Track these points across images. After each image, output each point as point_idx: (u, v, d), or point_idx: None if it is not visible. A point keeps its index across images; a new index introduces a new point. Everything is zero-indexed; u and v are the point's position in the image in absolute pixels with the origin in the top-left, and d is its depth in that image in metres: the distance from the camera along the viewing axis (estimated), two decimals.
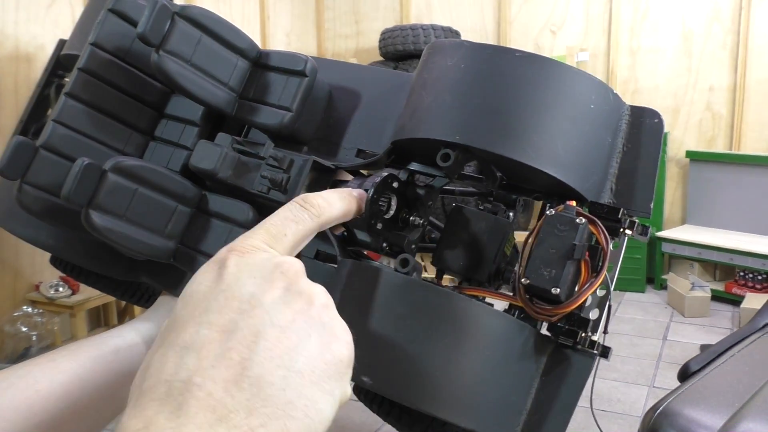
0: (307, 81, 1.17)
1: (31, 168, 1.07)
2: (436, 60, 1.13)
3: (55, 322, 3.32)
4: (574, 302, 0.93)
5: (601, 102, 1.06)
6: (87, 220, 0.98)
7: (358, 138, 1.22)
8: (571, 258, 0.90)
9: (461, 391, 0.92)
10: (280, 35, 5.18)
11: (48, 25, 3.45)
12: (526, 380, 0.98)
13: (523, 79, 1.02)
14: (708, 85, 4.57)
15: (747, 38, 4.39)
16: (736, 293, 4.23)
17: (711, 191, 4.55)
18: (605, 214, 1.00)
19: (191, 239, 1.11)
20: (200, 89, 1.11)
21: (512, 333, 0.95)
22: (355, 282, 1.00)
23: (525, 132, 0.99)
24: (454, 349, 0.91)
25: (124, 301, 1.59)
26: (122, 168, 1.00)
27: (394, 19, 5.35)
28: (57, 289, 3.29)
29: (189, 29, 1.10)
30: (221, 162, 1.11)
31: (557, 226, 0.93)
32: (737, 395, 1.81)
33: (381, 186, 1.10)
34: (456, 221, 1.17)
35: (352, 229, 1.17)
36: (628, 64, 4.76)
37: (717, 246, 4.23)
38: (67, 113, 1.11)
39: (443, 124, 1.03)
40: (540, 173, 1.01)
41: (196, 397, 0.37)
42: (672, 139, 4.69)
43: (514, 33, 5.03)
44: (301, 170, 1.12)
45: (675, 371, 3.18)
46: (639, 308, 4.21)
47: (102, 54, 1.13)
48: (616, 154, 1.09)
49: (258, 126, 1.20)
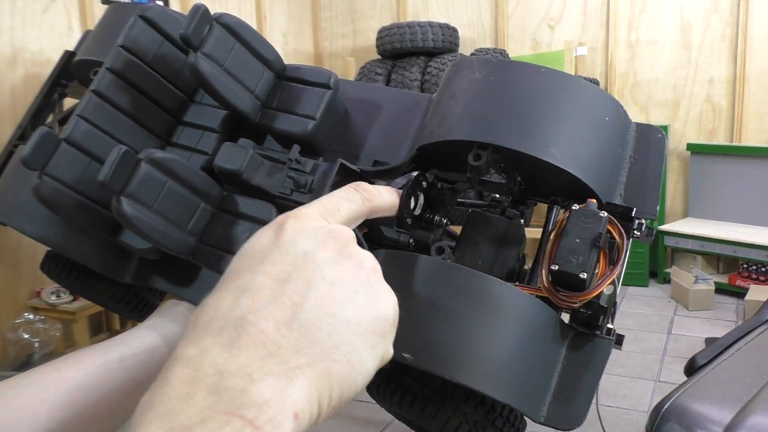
0: (330, 93, 1.21)
1: (52, 160, 1.08)
2: (464, 74, 1.18)
3: (57, 328, 3.31)
4: (596, 289, 1.01)
5: (614, 116, 1.14)
6: (118, 208, 0.99)
7: (374, 150, 1.26)
8: (596, 246, 0.98)
9: (496, 366, 0.97)
10: (277, 35, 5.17)
11: (44, 30, 3.44)
12: (552, 361, 1.03)
13: (547, 91, 1.09)
14: (708, 77, 4.55)
15: (746, 29, 4.37)
16: (740, 285, 4.21)
17: (712, 184, 4.53)
18: (619, 214, 1.08)
19: (211, 237, 1.12)
20: (230, 93, 1.14)
21: (539, 314, 1.01)
22: (393, 268, 1.05)
23: (550, 135, 1.06)
24: (488, 326, 0.96)
25: (118, 312, 1.58)
26: (155, 159, 1.01)
27: (391, 16, 5.34)
28: (58, 296, 3.28)
29: (225, 36, 1.13)
30: (247, 163, 1.13)
31: (582, 219, 1.00)
32: (745, 389, 1.79)
33: (414, 183, 1.15)
34: (474, 225, 1.22)
35: (380, 226, 1.20)
36: (627, 58, 4.74)
37: (720, 238, 4.21)
38: (91, 110, 1.13)
39: (476, 127, 1.09)
40: (561, 174, 1.07)
41: (249, 332, 0.39)
42: (672, 132, 4.67)
43: (511, 28, 5.01)
44: (326, 173, 1.15)
45: (680, 365, 3.17)
46: (643, 302, 4.19)
47: (129, 56, 1.15)
48: (625, 165, 1.17)
49: (282, 133, 1.23)
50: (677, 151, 4.69)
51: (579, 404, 0.99)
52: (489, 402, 1.12)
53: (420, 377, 1.14)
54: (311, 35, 5.58)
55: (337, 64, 5.47)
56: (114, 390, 1.08)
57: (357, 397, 0.49)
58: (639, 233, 1.09)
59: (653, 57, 4.67)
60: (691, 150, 4.58)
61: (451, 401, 1.11)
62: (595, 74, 4.79)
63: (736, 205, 4.46)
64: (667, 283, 4.47)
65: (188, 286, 1.25)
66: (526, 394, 0.96)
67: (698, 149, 4.56)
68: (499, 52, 4.42)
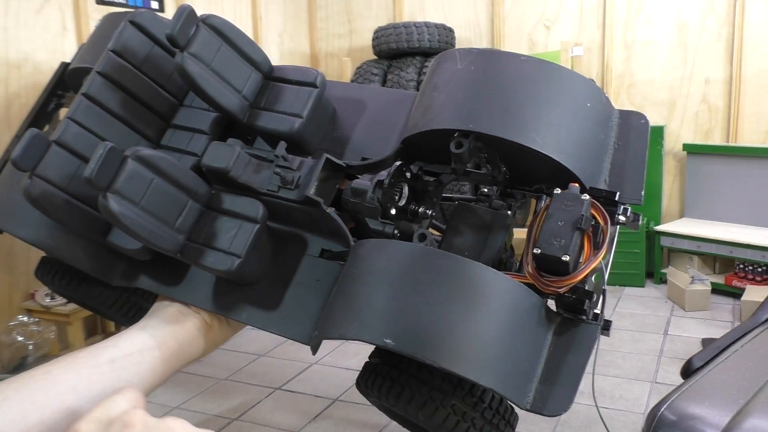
0: (317, 92, 1.21)
1: (43, 161, 1.08)
2: (446, 66, 1.18)
3: (51, 330, 3.29)
4: (580, 273, 1.00)
5: (596, 101, 1.14)
6: (104, 204, 0.99)
7: (361, 148, 1.27)
8: (579, 228, 0.98)
9: (478, 351, 0.96)
10: (273, 35, 5.15)
11: (38, 30, 3.42)
12: (537, 347, 1.02)
13: (528, 78, 1.08)
14: (704, 77, 4.55)
15: (742, 30, 4.37)
16: (736, 286, 4.21)
17: (709, 184, 4.53)
18: (603, 198, 1.07)
19: (199, 235, 1.12)
20: (217, 93, 1.14)
21: (523, 298, 1.00)
22: (377, 255, 1.05)
23: (532, 121, 1.05)
24: (471, 310, 0.95)
25: (111, 318, 1.57)
26: (142, 156, 1.01)
27: (387, 17, 5.32)
28: (53, 298, 3.26)
29: (211, 37, 1.14)
30: (235, 161, 1.13)
31: (565, 202, 1.00)
32: (742, 391, 1.79)
33: (396, 172, 1.16)
34: (460, 216, 1.21)
35: (364, 218, 1.21)
36: (623, 58, 4.74)
37: (716, 239, 4.21)
38: (82, 112, 1.13)
39: (458, 115, 1.09)
40: (544, 161, 1.06)
41: None
42: (669, 133, 4.67)
43: (507, 28, 5.00)
44: (312, 169, 1.16)
45: (677, 366, 3.17)
46: (639, 303, 4.19)
47: (119, 60, 1.16)
48: (609, 151, 1.16)
49: (269, 132, 1.23)
50: (673, 152, 4.69)
51: (565, 391, 0.98)
52: (477, 393, 1.11)
53: (407, 369, 1.13)
54: (307, 35, 5.57)
55: (333, 64, 5.46)
56: (106, 391, 1.07)
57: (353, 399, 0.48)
58: (624, 218, 1.09)
59: (649, 57, 4.67)
60: (688, 150, 4.58)
61: (439, 393, 1.10)
62: (591, 75, 4.78)
63: (732, 206, 4.46)
64: (663, 284, 4.47)
65: (177, 285, 1.25)
66: (510, 379, 0.95)
67: (694, 149, 4.56)
68: None
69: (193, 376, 3.19)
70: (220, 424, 2.77)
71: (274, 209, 1.15)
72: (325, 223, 1.18)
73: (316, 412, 2.85)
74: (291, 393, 3.07)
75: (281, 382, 3.18)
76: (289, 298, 1.20)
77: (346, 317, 1.03)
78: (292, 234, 1.24)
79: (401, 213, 1.22)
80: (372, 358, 1.21)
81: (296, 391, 3.09)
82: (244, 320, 1.22)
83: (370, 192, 1.13)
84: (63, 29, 3.55)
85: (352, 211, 1.20)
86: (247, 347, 3.58)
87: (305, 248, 1.22)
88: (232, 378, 3.25)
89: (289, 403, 2.97)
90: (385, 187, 1.17)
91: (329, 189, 1.16)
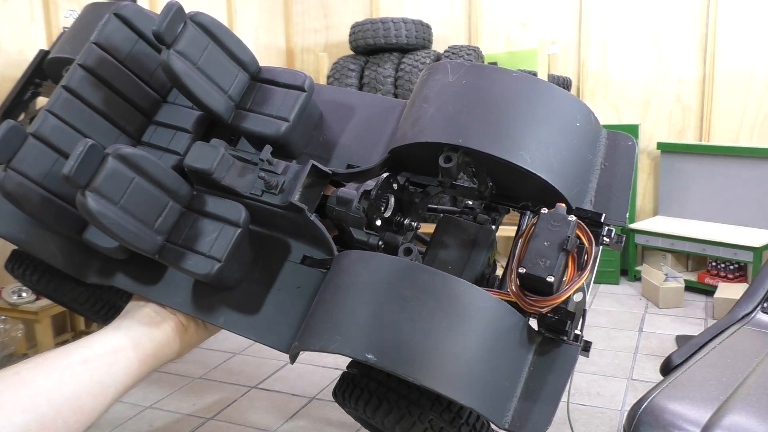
0: (305, 96, 1.18)
1: (18, 154, 1.04)
2: (437, 78, 1.16)
3: (18, 329, 3.20)
4: (564, 293, 0.99)
5: (585, 121, 1.13)
6: (82, 203, 0.95)
7: (348, 154, 1.24)
8: (564, 249, 0.96)
9: (459, 369, 0.94)
10: (248, 30, 5.08)
11: (4, 19, 3.32)
12: (517, 366, 1.00)
13: (519, 95, 1.07)
14: (677, 76, 4.60)
15: (715, 30, 4.42)
16: (709, 283, 4.27)
17: (682, 182, 4.58)
18: (588, 219, 1.06)
19: (178, 236, 1.08)
20: (202, 91, 1.10)
21: (506, 317, 0.98)
22: (361, 268, 1.02)
23: (521, 139, 1.04)
24: (454, 328, 0.93)
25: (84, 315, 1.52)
26: (123, 155, 0.97)
27: (364, 12, 5.29)
28: (20, 295, 3.17)
29: (199, 35, 1.10)
30: (218, 162, 1.10)
31: (551, 222, 0.98)
32: (721, 388, 1.80)
33: (384, 183, 1.13)
34: (445, 230, 1.19)
35: (349, 228, 1.18)
36: (599, 57, 4.77)
37: (689, 237, 4.26)
38: (61, 105, 1.09)
39: (448, 130, 1.06)
40: (531, 179, 1.05)
41: None
42: (643, 131, 4.71)
43: (485, 26, 5.00)
44: (298, 174, 1.13)
45: (653, 363, 3.19)
46: (614, 300, 4.22)
47: (101, 53, 1.11)
48: (595, 171, 1.16)
49: (255, 134, 1.19)
50: (647, 150, 4.73)
51: (544, 410, 0.96)
52: (455, 409, 1.09)
53: (385, 382, 1.11)
54: (283, 30, 5.51)
55: (310, 59, 5.41)
56: (78, 393, 1.03)
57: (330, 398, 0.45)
58: (609, 240, 1.08)
59: (624, 56, 4.71)
60: (662, 149, 4.63)
61: (416, 407, 1.08)
62: (567, 73, 4.80)
63: (705, 204, 4.51)
64: (638, 281, 4.51)
65: (154, 285, 1.21)
66: (490, 398, 0.94)
67: (668, 148, 4.60)
68: (473, 49, 4.40)
69: (166, 374, 3.13)
70: (194, 424, 2.71)
71: (256, 213, 1.13)
72: (308, 230, 1.15)
73: (292, 410, 2.81)
74: (267, 391, 3.03)
75: (257, 380, 3.14)
76: (268, 304, 1.17)
77: (327, 329, 1.01)
78: (274, 239, 1.21)
79: (386, 224, 1.20)
80: (350, 369, 1.19)
81: (272, 389, 3.05)
82: (221, 325, 1.19)
83: (356, 202, 1.11)
84: (31, 19, 3.46)
85: (336, 220, 1.17)
86: (222, 345, 3.52)
87: (287, 254, 1.19)
88: (207, 376, 3.19)
89: (265, 401, 2.93)
90: (372, 198, 1.15)
91: (314, 195, 1.13)
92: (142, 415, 2.75)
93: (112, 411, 2.72)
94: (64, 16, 3.56)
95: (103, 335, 1.14)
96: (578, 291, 1.05)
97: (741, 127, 4.47)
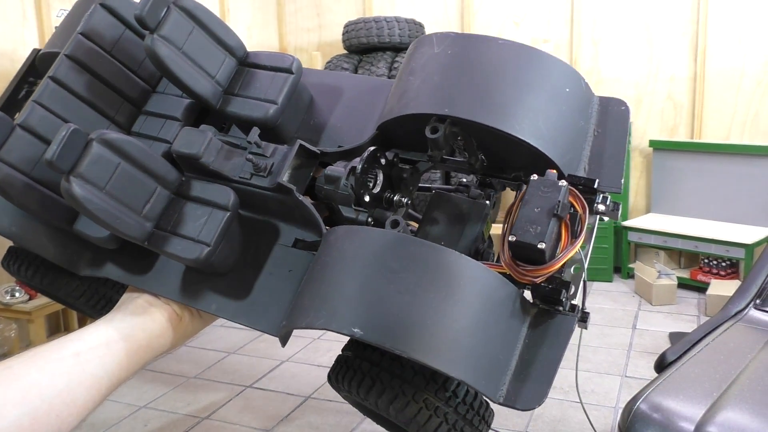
0: (293, 78, 1.17)
1: (6, 144, 1.03)
2: (423, 50, 1.14)
3: (12, 328, 3.19)
4: (557, 262, 0.97)
5: (575, 87, 1.11)
6: (67, 188, 0.94)
7: (338, 135, 1.23)
8: (555, 215, 0.94)
9: (451, 341, 0.92)
10: (241, 29, 5.07)
11: None
12: (511, 339, 0.98)
13: (506, 62, 1.05)
14: (669, 74, 4.62)
15: (706, 28, 4.45)
16: (701, 280, 4.29)
17: (674, 180, 4.61)
18: (582, 185, 1.04)
19: (167, 223, 1.08)
20: (189, 77, 1.10)
21: (498, 288, 0.97)
22: (347, 242, 1.01)
23: (509, 106, 1.02)
24: (444, 300, 0.91)
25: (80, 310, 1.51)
26: (108, 140, 0.97)
27: (357, 11, 5.28)
28: (13, 294, 3.16)
29: (183, 19, 1.09)
30: (206, 147, 1.09)
31: (541, 188, 0.96)
32: (715, 384, 1.81)
33: (370, 158, 1.11)
34: (437, 205, 1.18)
35: (338, 206, 1.17)
36: (591, 55, 4.78)
37: (681, 234, 4.28)
38: (48, 96, 1.08)
39: (433, 100, 1.05)
40: (522, 147, 1.03)
41: None
42: (635, 129, 4.73)
43: (477, 25, 5.00)
44: (286, 155, 1.12)
45: (646, 360, 3.21)
46: (607, 297, 4.24)
47: (88, 43, 1.11)
48: (588, 138, 1.14)
49: (243, 119, 1.18)
50: (639, 148, 4.75)
51: (539, 385, 0.95)
52: (451, 387, 1.08)
53: (378, 362, 1.10)
54: (276, 29, 5.50)
55: (303, 58, 5.39)
56: (71, 385, 1.03)
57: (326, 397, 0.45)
58: (604, 207, 1.06)
59: (616, 54, 4.72)
60: (654, 146, 4.65)
61: (410, 387, 1.06)
62: None
63: (697, 201, 4.54)
64: (631, 278, 4.53)
65: (146, 275, 1.21)
66: (483, 372, 0.92)
67: (660, 146, 4.62)
68: None
69: (160, 374, 3.12)
70: (189, 424, 2.71)
71: (246, 197, 1.12)
72: (298, 212, 1.15)
73: (287, 410, 2.81)
74: (262, 391, 3.03)
75: (252, 380, 3.14)
76: (259, 289, 1.16)
77: (314, 306, 1.00)
78: (264, 223, 1.20)
79: (376, 201, 1.18)
80: (345, 351, 1.18)
81: (267, 389, 3.05)
82: (213, 311, 1.18)
83: (343, 179, 1.10)
84: (23, 18, 3.44)
85: (325, 199, 1.17)
86: (216, 344, 3.52)
87: (278, 238, 1.19)
88: (202, 376, 3.19)
89: (259, 401, 2.92)
90: (358, 173, 1.13)
91: (303, 176, 1.12)
92: (136, 415, 2.74)
93: (107, 411, 2.72)
94: (56, 16, 3.54)
95: (95, 328, 1.13)
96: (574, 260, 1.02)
97: (732, 124, 4.50)
